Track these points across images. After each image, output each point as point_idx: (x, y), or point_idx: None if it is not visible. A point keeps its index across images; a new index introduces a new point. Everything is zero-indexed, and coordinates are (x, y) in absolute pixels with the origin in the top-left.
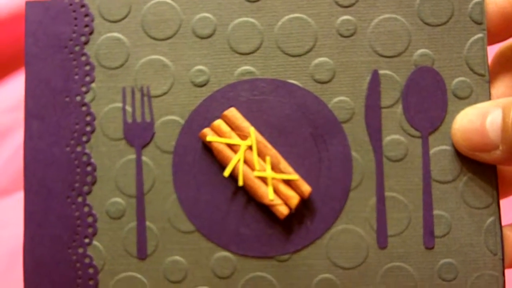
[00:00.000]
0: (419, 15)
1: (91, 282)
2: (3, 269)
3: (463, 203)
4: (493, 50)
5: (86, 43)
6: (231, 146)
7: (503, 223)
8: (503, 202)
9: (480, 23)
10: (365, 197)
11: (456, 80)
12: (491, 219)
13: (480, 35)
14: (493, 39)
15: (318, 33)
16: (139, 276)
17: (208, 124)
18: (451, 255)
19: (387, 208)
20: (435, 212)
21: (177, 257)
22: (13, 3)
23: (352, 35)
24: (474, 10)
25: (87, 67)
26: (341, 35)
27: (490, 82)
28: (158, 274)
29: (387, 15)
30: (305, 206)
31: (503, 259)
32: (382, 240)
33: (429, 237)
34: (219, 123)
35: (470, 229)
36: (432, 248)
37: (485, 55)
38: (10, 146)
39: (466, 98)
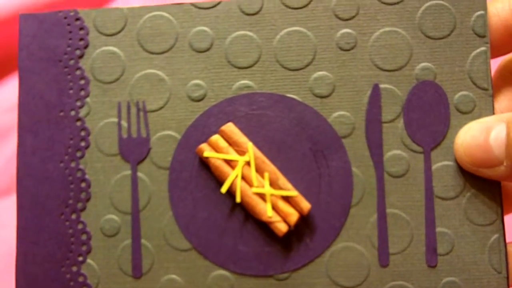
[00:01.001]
0: (420, 28)
1: None
2: (3, 269)
3: (466, 220)
4: (495, 64)
5: (81, 56)
6: (228, 162)
7: (507, 240)
8: (507, 219)
9: (483, 36)
10: (366, 214)
11: (459, 94)
12: (495, 236)
13: (483, 48)
14: (496, 52)
15: (318, 46)
16: None
17: (205, 139)
18: (454, 274)
19: (389, 225)
20: (438, 229)
21: (173, 276)
22: (13, 4)
23: (352, 48)
24: (477, 23)
25: (82, 81)
26: (341, 49)
27: (493, 96)
28: None
29: (387, 28)
30: (305, 223)
31: (507, 278)
32: (383, 258)
33: (431, 255)
34: (216, 138)
35: (473, 246)
36: (435, 266)
37: (488, 69)
38: (10, 146)
39: (469, 113)
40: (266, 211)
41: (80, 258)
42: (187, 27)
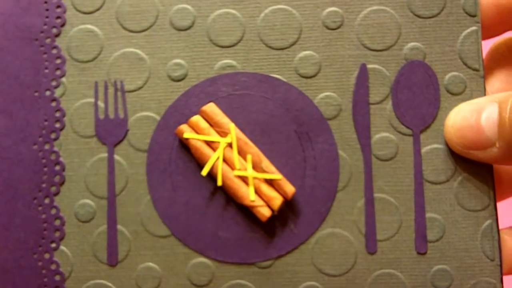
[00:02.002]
0: (409, 6)
1: None
2: None
3: (457, 205)
4: (486, 46)
5: (57, 35)
6: (209, 144)
7: (500, 226)
8: (500, 205)
9: (473, 16)
10: (353, 199)
11: (449, 75)
12: (487, 222)
13: (474, 28)
14: (487, 33)
15: (303, 25)
16: (109, 284)
17: (186, 120)
18: (445, 261)
19: (377, 210)
20: (428, 215)
21: (151, 264)
22: None
23: (338, 27)
24: (468, 2)
25: (58, 61)
26: (327, 28)
27: (484, 78)
28: (130, 281)
29: (375, 7)
30: (289, 208)
31: (501, 265)
32: (371, 245)
33: (421, 242)
34: (197, 119)
35: (465, 233)
36: (425, 253)
37: (479, 49)
38: None
39: (460, 94)
40: (249, 195)
41: (53, 245)
42: (168, 5)
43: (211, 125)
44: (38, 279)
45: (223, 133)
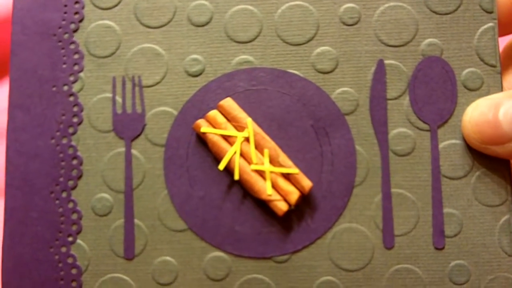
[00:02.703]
0: (426, 3)
1: (74, 284)
2: None
3: (475, 200)
4: (502, 43)
5: (75, 30)
6: (226, 138)
7: None
8: None
9: (490, 12)
10: (370, 194)
11: (466, 71)
12: (505, 217)
13: (490, 24)
14: (503, 30)
15: (320, 21)
16: (125, 277)
17: (203, 115)
18: (462, 256)
19: (394, 205)
20: (445, 210)
21: (167, 258)
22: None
23: (356, 23)
24: None
25: (76, 56)
26: (344, 24)
27: (501, 74)
28: (147, 275)
29: (392, 3)
30: (306, 202)
31: None
32: (388, 240)
33: (439, 237)
34: (214, 113)
35: (483, 228)
36: (442, 248)
37: (496, 45)
38: None
39: (477, 90)
40: (266, 189)
41: (70, 239)
42: (185, 1)
43: (228, 120)
44: (55, 273)
45: (240, 128)
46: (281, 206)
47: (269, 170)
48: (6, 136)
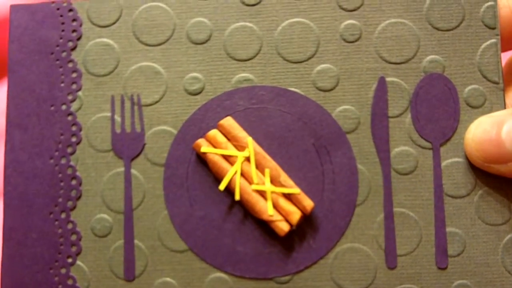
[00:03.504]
0: (428, 19)
1: None
2: None
3: (478, 219)
4: (505, 58)
5: (73, 49)
6: (227, 158)
7: None
8: None
9: (493, 28)
10: (372, 213)
11: (469, 88)
12: (508, 236)
13: (493, 40)
14: (506, 45)
15: (321, 38)
16: None
17: (203, 134)
18: (466, 276)
19: (396, 225)
20: (448, 229)
21: (168, 279)
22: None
23: (356, 40)
24: (487, 14)
25: (74, 74)
26: (345, 40)
27: (504, 90)
28: None
29: (393, 20)
30: (308, 222)
31: None
32: (391, 259)
33: (442, 257)
34: (214, 133)
35: (486, 247)
36: (445, 268)
37: (499, 62)
38: None
39: (480, 107)
40: (267, 210)
41: (70, 260)
42: (184, 18)
43: (228, 139)
44: None
45: (240, 147)
46: (283, 227)
47: (270, 190)
48: (4, 156)
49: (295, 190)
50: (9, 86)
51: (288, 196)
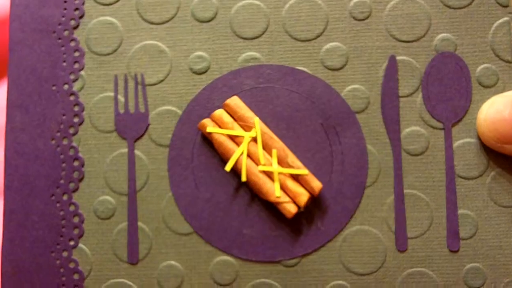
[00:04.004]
0: None
1: None
2: None
3: (490, 201)
4: None
5: (75, 27)
6: (233, 138)
7: None
8: None
9: (505, 6)
10: (382, 195)
11: (481, 67)
12: None
13: (506, 18)
14: None
15: (329, 16)
16: (129, 283)
17: (208, 114)
18: (478, 259)
19: (407, 207)
20: (460, 211)
21: (173, 262)
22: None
23: (366, 18)
24: None
25: (76, 54)
26: (355, 18)
27: None
28: (151, 280)
29: None
30: (316, 204)
31: None
32: (401, 242)
33: (453, 239)
34: (220, 113)
35: (498, 229)
36: (457, 251)
37: (511, 40)
38: None
39: (492, 86)
40: (274, 191)
41: (72, 243)
42: None
43: (234, 119)
44: (56, 278)
45: (247, 127)
46: (290, 209)
47: (278, 171)
48: (4, 136)
49: (303, 171)
50: (9, 66)
51: (296, 177)
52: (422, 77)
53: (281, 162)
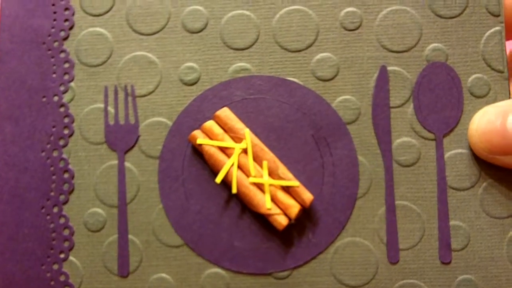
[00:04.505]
0: (430, 6)
1: None
2: None
3: (482, 212)
4: (509, 47)
5: (65, 38)
6: (223, 150)
7: None
8: None
9: (497, 15)
10: (374, 206)
11: (472, 77)
12: None
13: (497, 28)
14: (510, 33)
15: (320, 26)
16: None
17: (199, 126)
18: (470, 271)
19: (398, 218)
20: (452, 222)
21: (163, 275)
22: None
23: (357, 28)
24: (491, 1)
25: (66, 65)
26: (345, 29)
27: (509, 79)
28: None
29: (395, 7)
30: (307, 216)
31: None
32: (393, 254)
33: (445, 251)
34: (210, 124)
35: (491, 241)
36: (449, 263)
37: (503, 50)
38: None
39: (484, 97)
40: (265, 203)
41: (62, 256)
42: (179, 6)
43: (225, 130)
44: None
45: (237, 139)
46: (281, 220)
47: (268, 183)
48: None
49: (294, 182)
50: None
51: (287, 189)
52: (413, 88)
53: (272, 173)
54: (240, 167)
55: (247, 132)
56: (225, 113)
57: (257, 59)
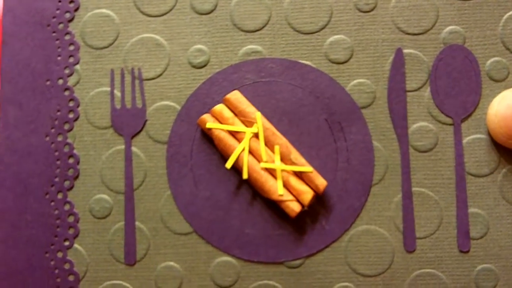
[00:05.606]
0: None
1: None
2: None
3: (502, 199)
4: None
5: (70, 20)
6: (234, 134)
7: None
8: None
9: None
10: (389, 193)
11: (491, 60)
12: None
13: None
14: None
15: (334, 7)
16: (126, 284)
17: (208, 109)
18: (489, 260)
19: (415, 205)
20: (471, 210)
21: (171, 263)
22: None
23: (372, 10)
24: None
25: (71, 47)
26: (360, 10)
27: None
28: (149, 282)
29: None
30: (320, 203)
31: None
32: (409, 242)
33: (464, 239)
34: (220, 108)
35: (510, 229)
36: (468, 251)
37: None
38: None
39: (503, 81)
40: (277, 189)
41: (67, 243)
42: None
43: (235, 114)
44: (50, 280)
45: (248, 123)
46: (294, 207)
47: (280, 169)
48: None
49: (307, 168)
50: (2, 60)
51: (300, 175)
52: (430, 71)
53: (284, 159)
54: (251, 152)
55: (258, 115)
56: (235, 96)
57: (268, 41)
